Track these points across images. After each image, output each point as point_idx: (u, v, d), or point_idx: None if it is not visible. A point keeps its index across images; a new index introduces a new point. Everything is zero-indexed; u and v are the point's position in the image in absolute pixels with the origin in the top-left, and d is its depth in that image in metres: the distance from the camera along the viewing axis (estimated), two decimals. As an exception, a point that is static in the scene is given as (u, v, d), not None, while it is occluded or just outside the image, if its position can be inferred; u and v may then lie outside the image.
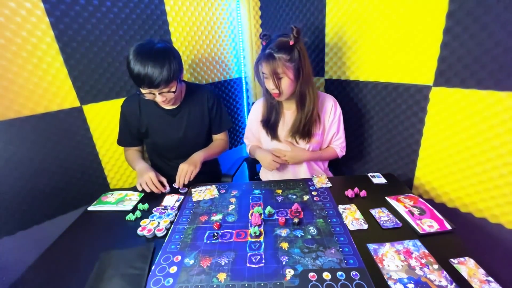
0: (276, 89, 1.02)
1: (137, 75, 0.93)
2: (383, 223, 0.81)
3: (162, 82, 0.94)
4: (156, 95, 0.99)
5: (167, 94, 1.00)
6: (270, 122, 1.17)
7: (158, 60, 0.92)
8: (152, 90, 0.96)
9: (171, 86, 0.99)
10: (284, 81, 1.01)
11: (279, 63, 0.98)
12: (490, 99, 0.90)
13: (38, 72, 1.07)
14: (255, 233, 0.79)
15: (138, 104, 1.14)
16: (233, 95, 1.77)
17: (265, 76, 1.04)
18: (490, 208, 0.98)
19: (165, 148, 1.22)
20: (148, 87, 0.95)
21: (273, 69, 0.98)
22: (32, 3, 1.00)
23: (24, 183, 1.11)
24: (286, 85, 1.02)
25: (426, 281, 0.61)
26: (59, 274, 0.71)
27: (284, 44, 0.99)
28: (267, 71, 1.00)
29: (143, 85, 0.95)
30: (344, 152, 1.23)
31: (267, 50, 0.99)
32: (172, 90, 0.99)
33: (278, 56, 0.97)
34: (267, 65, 0.99)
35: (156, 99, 1.01)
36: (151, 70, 0.92)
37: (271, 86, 1.03)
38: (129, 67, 0.94)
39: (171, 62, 0.95)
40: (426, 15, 0.97)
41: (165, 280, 0.66)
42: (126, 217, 0.91)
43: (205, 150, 1.19)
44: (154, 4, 1.28)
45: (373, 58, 1.18)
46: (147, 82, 0.93)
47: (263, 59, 1.00)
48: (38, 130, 1.11)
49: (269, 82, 1.03)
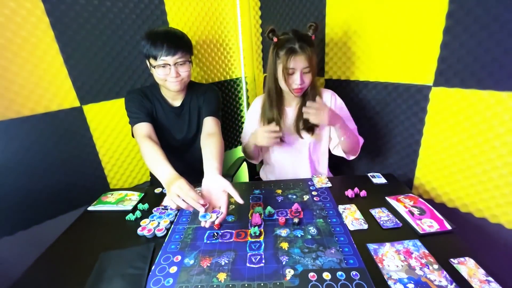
0: (303, 84, 1.02)
1: (157, 39, 0.96)
2: (383, 223, 0.81)
3: (182, 46, 0.99)
4: (171, 68, 0.99)
5: (182, 68, 1.02)
6: (272, 120, 1.16)
7: (176, 32, 1.03)
8: (168, 60, 0.97)
9: (187, 57, 1.03)
10: (309, 75, 1.02)
11: (312, 57, 0.99)
12: (490, 99, 0.90)
13: (38, 72, 1.07)
14: (255, 233, 0.79)
15: (145, 94, 1.12)
16: (233, 95, 1.77)
17: (292, 71, 1.01)
18: (490, 208, 0.98)
19: (168, 144, 1.19)
20: (166, 54, 0.96)
21: (308, 61, 0.99)
22: (32, 3, 1.00)
23: (24, 183, 1.11)
24: (309, 79, 1.03)
25: (426, 281, 0.61)
26: (59, 274, 0.71)
27: (308, 38, 1.01)
28: (297, 65, 0.99)
29: (161, 52, 0.96)
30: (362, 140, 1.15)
31: (296, 44, 0.97)
32: (188, 60, 1.03)
33: (310, 49, 0.99)
34: (302, 57, 0.98)
35: (169, 75, 1.00)
36: (171, 35, 0.99)
37: (299, 81, 1.01)
38: (147, 38, 0.98)
39: (187, 37, 1.05)
40: (426, 15, 0.97)
41: (165, 280, 0.66)
42: (126, 217, 0.91)
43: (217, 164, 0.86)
44: (154, 4, 1.28)
45: (373, 58, 1.18)
46: (167, 44, 0.96)
47: (295, 52, 0.97)
48: (38, 130, 1.11)
49: (295, 77, 1.01)
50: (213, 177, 0.80)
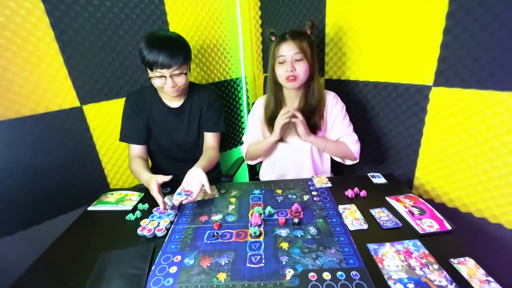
0: (294, 71, 1.01)
1: (151, 54, 0.94)
2: (383, 223, 0.81)
3: (177, 61, 0.96)
4: (167, 79, 0.98)
5: (178, 78, 1.00)
6: (273, 120, 1.15)
7: (172, 41, 0.99)
8: (164, 72, 0.96)
9: (183, 68, 1.00)
10: (302, 64, 1.02)
11: (303, 45, 1.00)
12: (490, 99, 0.90)
13: (38, 72, 1.07)
14: (255, 233, 0.79)
15: (142, 99, 1.12)
16: (233, 95, 1.77)
17: (282, 59, 1.02)
18: (490, 208, 0.98)
19: (168, 148, 1.20)
20: (161, 67, 0.95)
21: (298, 46, 1.00)
22: (32, 3, 1.00)
23: (24, 183, 1.11)
24: (303, 69, 1.02)
25: (426, 281, 0.61)
26: (59, 274, 0.71)
27: (301, 32, 1.04)
28: (287, 52, 1.01)
29: (156, 66, 0.95)
30: (358, 146, 1.12)
31: (288, 33, 1.02)
32: (184, 72, 1.01)
33: (302, 39, 1.01)
34: (292, 43, 1.00)
35: (166, 85, 1.00)
36: (167, 48, 0.95)
37: (289, 68, 1.01)
38: (143, 49, 0.95)
39: (185, 45, 1.01)
40: (426, 15, 0.97)
41: (165, 280, 0.66)
42: (126, 217, 0.91)
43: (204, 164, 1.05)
44: (154, 4, 1.28)
45: (373, 58, 1.18)
46: (161, 60, 0.94)
47: (285, 39, 1.01)
48: (38, 130, 1.11)
49: (285, 65, 1.02)
50: (195, 169, 0.97)
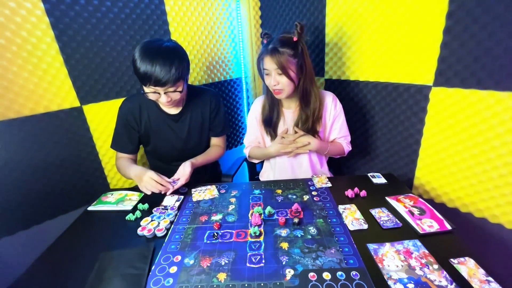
0: (277, 85, 1.02)
1: (144, 72, 0.89)
2: (383, 223, 0.81)
3: (170, 81, 0.91)
4: (161, 94, 0.95)
5: (173, 94, 0.97)
6: (270, 122, 1.16)
7: (166, 57, 0.90)
8: (158, 89, 0.93)
9: (178, 85, 0.96)
10: (285, 78, 1.01)
11: (283, 58, 0.98)
12: (490, 99, 0.90)
13: (38, 72, 1.06)
14: (255, 233, 0.79)
15: (139, 106, 1.10)
16: (233, 95, 1.77)
17: (267, 72, 1.03)
18: (490, 208, 0.98)
19: (167, 153, 1.19)
20: (154, 85, 0.91)
21: (277, 64, 0.98)
22: (32, 3, 1.00)
23: (24, 183, 1.11)
24: (286, 83, 1.02)
25: (426, 281, 0.61)
26: (59, 274, 0.71)
27: (288, 40, 1.00)
28: (269, 66, 1.00)
29: (149, 83, 0.91)
30: (350, 147, 1.21)
31: (271, 45, 0.99)
32: (178, 89, 0.97)
33: (282, 50, 0.98)
34: (271, 60, 0.99)
35: (160, 99, 0.97)
36: (160, 67, 0.89)
37: (272, 82, 1.02)
38: (136, 64, 0.90)
39: (180, 61, 0.93)
40: (426, 15, 0.97)
41: (165, 280, 0.66)
42: (126, 217, 0.91)
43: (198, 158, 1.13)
44: (154, 4, 1.28)
45: (373, 58, 1.18)
46: (154, 79, 0.89)
47: (266, 53, 1.00)
48: (38, 130, 1.11)
49: (270, 78, 1.02)
50: (186, 162, 1.06)
